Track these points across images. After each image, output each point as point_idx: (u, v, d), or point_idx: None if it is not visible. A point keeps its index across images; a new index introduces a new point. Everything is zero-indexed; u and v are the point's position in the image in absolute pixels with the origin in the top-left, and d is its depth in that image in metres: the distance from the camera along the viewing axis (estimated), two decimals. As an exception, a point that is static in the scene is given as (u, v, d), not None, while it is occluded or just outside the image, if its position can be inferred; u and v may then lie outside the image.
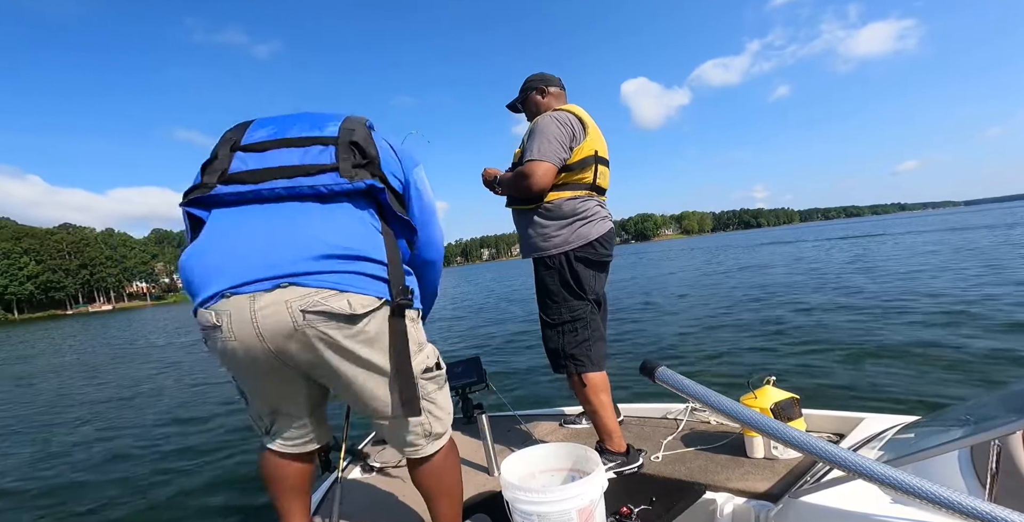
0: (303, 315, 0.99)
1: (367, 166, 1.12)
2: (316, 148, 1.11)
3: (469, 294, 20.71)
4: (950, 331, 5.35)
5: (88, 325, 28.48)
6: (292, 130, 1.15)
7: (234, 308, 0.99)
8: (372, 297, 1.05)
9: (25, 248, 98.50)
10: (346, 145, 1.12)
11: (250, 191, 1.06)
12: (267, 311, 0.98)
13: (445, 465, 1.25)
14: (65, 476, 3.95)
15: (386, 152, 1.19)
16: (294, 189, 1.06)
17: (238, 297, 0.99)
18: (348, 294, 1.02)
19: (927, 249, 16.23)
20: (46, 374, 10.80)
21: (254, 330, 0.99)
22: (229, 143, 1.15)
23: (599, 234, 1.81)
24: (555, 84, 2.00)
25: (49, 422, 6.03)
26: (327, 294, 1.00)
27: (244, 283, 0.99)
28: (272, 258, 1.00)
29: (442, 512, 1.27)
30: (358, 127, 1.17)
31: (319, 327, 1.00)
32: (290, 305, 0.98)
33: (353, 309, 1.01)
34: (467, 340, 8.62)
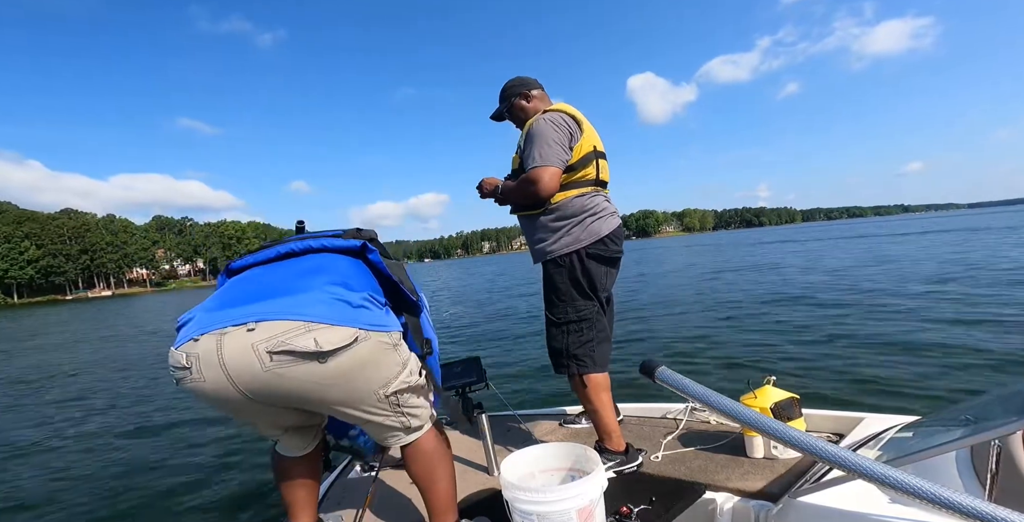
0: (270, 357, 0.98)
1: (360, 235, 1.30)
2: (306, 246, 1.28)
3: (470, 287, 20.71)
4: (953, 331, 5.34)
5: (89, 311, 28.34)
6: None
7: (202, 351, 0.99)
8: (343, 331, 1.02)
9: (26, 232, 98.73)
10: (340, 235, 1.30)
11: (253, 260, 1.26)
12: (234, 354, 0.97)
13: (433, 452, 1.30)
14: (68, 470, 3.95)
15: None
16: (292, 248, 1.24)
17: (206, 337, 0.99)
18: (316, 331, 0.99)
19: (941, 249, 16.21)
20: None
21: (223, 372, 0.98)
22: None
23: (609, 230, 1.80)
24: (536, 86, 1.98)
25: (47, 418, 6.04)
26: (294, 333, 0.98)
27: (213, 327, 1.00)
28: (249, 308, 1.03)
29: (433, 499, 1.31)
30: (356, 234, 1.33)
31: (286, 366, 0.99)
32: (256, 348, 0.97)
33: (320, 346, 0.99)
34: (467, 340, 8.62)
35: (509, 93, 1.98)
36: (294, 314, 1.00)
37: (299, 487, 1.37)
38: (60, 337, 16.98)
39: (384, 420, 1.22)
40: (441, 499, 1.31)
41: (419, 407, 1.28)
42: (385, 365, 1.15)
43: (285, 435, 1.30)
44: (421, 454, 1.29)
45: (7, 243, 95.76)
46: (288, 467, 1.35)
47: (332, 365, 1.03)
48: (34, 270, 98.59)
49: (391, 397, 1.19)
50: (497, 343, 7.84)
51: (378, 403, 1.18)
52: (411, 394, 1.25)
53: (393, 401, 1.20)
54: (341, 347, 1.02)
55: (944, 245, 17.83)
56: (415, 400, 1.27)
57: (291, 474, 1.35)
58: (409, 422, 1.26)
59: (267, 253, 1.26)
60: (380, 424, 1.23)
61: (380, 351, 1.12)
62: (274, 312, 1.00)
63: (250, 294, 1.08)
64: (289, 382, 1.01)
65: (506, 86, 2.00)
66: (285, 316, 1.00)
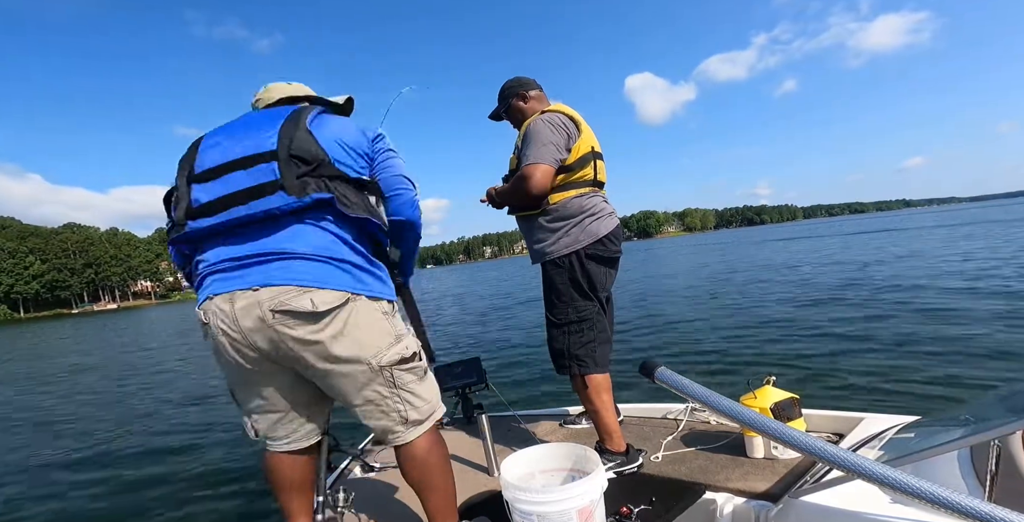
0: (272, 315, 1.10)
1: (315, 171, 1.16)
2: (260, 167, 1.15)
3: (472, 292, 20.74)
4: (953, 331, 5.34)
5: (96, 324, 28.36)
6: (236, 147, 1.19)
7: (217, 308, 1.13)
8: (338, 293, 1.13)
9: (31, 247, 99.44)
10: (287, 159, 1.14)
11: (218, 223, 1.15)
12: (243, 311, 1.11)
13: (429, 458, 1.27)
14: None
15: (333, 145, 1.21)
16: (253, 215, 1.13)
17: (220, 297, 1.13)
18: (312, 292, 1.10)
19: (942, 245, 16.22)
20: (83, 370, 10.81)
21: (234, 326, 1.12)
22: (185, 171, 1.22)
23: (608, 230, 1.80)
24: (534, 87, 1.98)
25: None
26: (293, 294, 1.10)
27: (226, 289, 1.13)
28: (245, 274, 1.13)
29: (432, 507, 1.29)
30: (296, 131, 1.18)
31: (287, 324, 1.10)
32: (261, 305, 1.10)
33: (315, 307, 1.10)
34: (467, 340, 8.63)
35: (507, 93, 1.99)
36: (291, 279, 1.11)
37: (294, 489, 1.34)
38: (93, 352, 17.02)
39: (383, 403, 1.21)
40: (437, 506, 1.29)
41: (421, 398, 1.27)
42: (376, 332, 1.19)
43: (284, 420, 1.28)
44: (416, 458, 1.26)
45: (12, 258, 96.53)
46: (281, 466, 1.32)
47: (327, 324, 1.12)
48: (39, 285, 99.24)
49: (385, 371, 1.19)
50: (497, 343, 7.85)
51: (373, 376, 1.18)
52: (412, 377, 1.25)
53: (388, 377, 1.20)
54: (335, 307, 1.12)
55: (939, 240, 17.82)
56: (417, 387, 1.26)
57: (284, 474, 1.32)
58: (407, 413, 1.24)
59: (224, 219, 1.15)
60: (378, 408, 1.22)
61: (371, 316, 1.19)
62: (275, 277, 1.11)
63: (251, 259, 1.14)
64: (290, 339, 1.11)
65: (504, 86, 2.01)
66: (284, 281, 1.10)
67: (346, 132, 1.27)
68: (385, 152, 1.32)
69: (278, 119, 1.22)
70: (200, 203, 1.17)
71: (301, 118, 1.22)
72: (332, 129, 1.25)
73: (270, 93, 1.42)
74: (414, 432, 1.26)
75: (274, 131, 1.19)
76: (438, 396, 1.34)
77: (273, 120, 1.22)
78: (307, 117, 1.23)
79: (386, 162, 1.32)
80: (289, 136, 1.17)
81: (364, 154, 1.28)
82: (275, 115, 1.25)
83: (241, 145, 1.19)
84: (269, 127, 1.20)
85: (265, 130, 1.20)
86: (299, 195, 1.12)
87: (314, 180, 1.15)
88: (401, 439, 1.26)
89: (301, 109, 1.28)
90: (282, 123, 1.20)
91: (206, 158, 1.21)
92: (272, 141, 1.17)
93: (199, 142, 1.27)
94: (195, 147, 1.26)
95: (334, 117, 1.33)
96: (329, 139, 1.22)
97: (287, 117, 1.23)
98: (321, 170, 1.17)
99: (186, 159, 1.25)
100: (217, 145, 1.22)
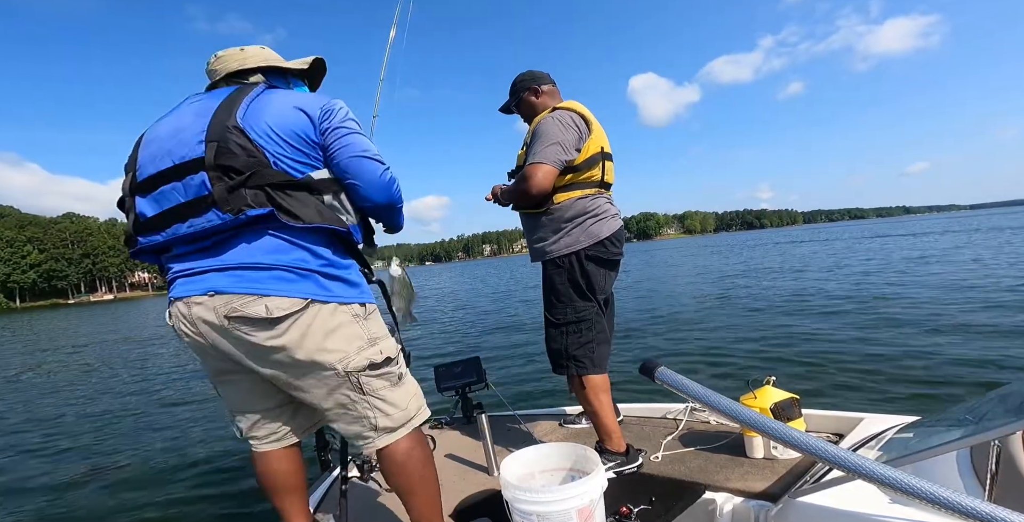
0: (227, 321, 1.07)
1: (249, 181, 1.03)
2: (191, 178, 1.05)
3: (471, 291, 20.74)
4: (953, 331, 5.34)
5: (91, 314, 28.32)
6: (167, 148, 1.09)
7: (178, 311, 1.12)
8: (295, 299, 1.07)
9: (28, 237, 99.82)
10: (215, 169, 1.03)
11: (163, 242, 1.12)
12: (199, 315, 1.09)
13: (407, 463, 1.21)
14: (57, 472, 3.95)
15: (270, 139, 1.07)
16: (194, 234, 1.08)
17: (181, 301, 1.11)
18: (267, 298, 1.06)
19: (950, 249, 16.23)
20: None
21: (193, 329, 1.11)
22: (129, 177, 1.16)
23: (610, 232, 1.79)
24: (547, 82, 1.95)
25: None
26: (246, 300, 1.06)
27: (184, 294, 1.11)
28: (202, 280, 1.10)
29: (415, 513, 1.24)
30: (225, 131, 1.05)
31: (243, 330, 1.07)
32: (217, 311, 1.07)
33: (270, 312, 1.05)
34: (468, 339, 8.62)
35: (519, 87, 1.96)
36: (245, 288, 1.06)
37: (287, 489, 1.31)
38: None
39: (352, 408, 1.16)
40: (420, 512, 1.24)
41: (393, 405, 1.19)
42: (342, 337, 1.12)
43: (264, 419, 1.26)
44: (393, 464, 1.21)
45: (9, 247, 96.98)
46: (269, 465, 1.29)
47: (285, 330, 1.07)
48: (36, 274, 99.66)
49: (353, 377, 1.13)
50: (497, 343, 7.85)
51: (339, 381, 1.13)
52: (383, 383, 1.18)
53: (356, 383, 1.14)
54: (292, 312, 1.07)
55: (940, 241, 17.84)
56: (389, 393, 1.19)
57: (274, 474, 1.30)
58: (376, 420, 1.17)
59: (169, 237, 1.10)
60: (347, 413, 1.17)
61: (337, 320, 1.12)
62: (228, 286, 1.07)
63: (209, 265, 1.10)
64: (248, 344, 1.09)
65: (516, 80, 1.98)
66: (238, 289, 1.06)
67: (284, 119, 1.10)
68: (337, 129, 1.14)
69: (211, 109, 1.10)
70: (145, 217, 1.12)
71: (233, 108, 1.08)
72: (270, 116, 1.09)
73: (221, 63, 1.25)
74: (386, 439, 1.19)
75: (203, 128, 1.06)
76: (418, 402, 1.27)
77: (206, 110, 1.10)
78: (241, 105, 1.09)
79: (340, 141, 1.14)
80: (217, 137, 1.04)
81: (310, 141, 1.12)
82: (212, 102, 1.12)
83: (173, 145, 1.08)
84: (201, 122, 1.08)
85: (196, 126, 1.08)
86: (233, 213, 1.02)
87: (251, 192, 1.03)
88: (372, 445, 1.20)
89: (238, 92, 1.13)
90: (211, 117, 1.07)
91: (144, 162, 1.13)
92: (200, 145, 1.05)
93: (142, 136, 1.18)
94: (138, 144, 1.18)
95: (275, 96, 1.15)
96: (265, 131, 1.07)
97: (219, 106, 1.09)
98: (257, 179, 1.04)
99: (130, 161, 1.17)
100: (153, 143, 1.13)
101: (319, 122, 1.13)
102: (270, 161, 1.07)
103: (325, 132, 1.14)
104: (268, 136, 1.07)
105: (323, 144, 1.14)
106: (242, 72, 1.24)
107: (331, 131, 1.14)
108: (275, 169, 1.07)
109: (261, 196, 1.04)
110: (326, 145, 1.14)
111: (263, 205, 1.04)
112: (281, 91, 1.19)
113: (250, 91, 1.13)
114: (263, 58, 1.27)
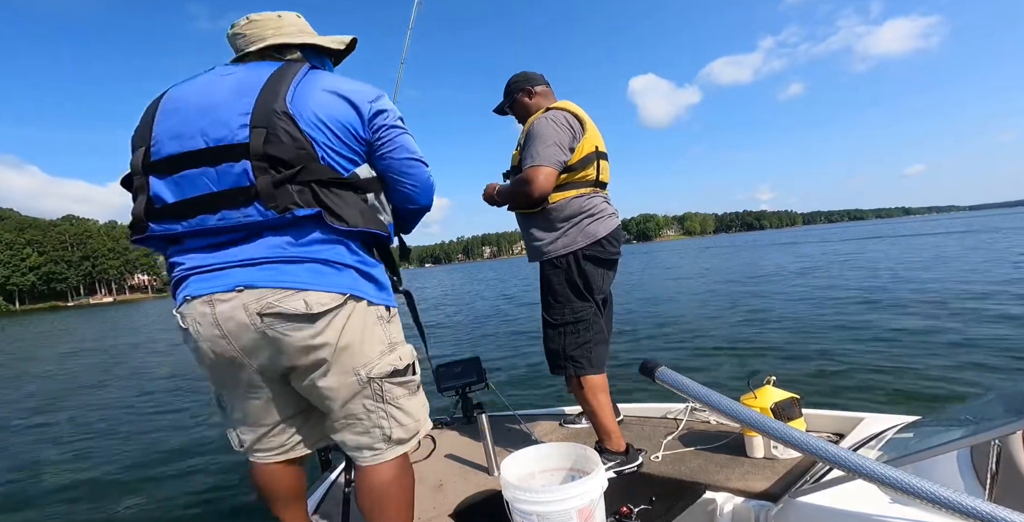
0: (260, 319, 0.98)
1: (298, 177, 0.97)
2: (228, 166, 0.95)
3: (470, 293, 20.74)
4: (957, 331, 5.34)
5: (94, 317, 28.25)
6: (199, 126, 0.97)
7: (196, 311, 1.00)
8: (333, 294, 1.01)
9: (28, 239, 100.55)
10: (261, 157, 0.94)
11: (183, 232, 1.01)
12: (225, 315, 0.98)
13: (390, 489, 1.13)
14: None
15: (318, 129, 1.00)
16: (225, 226, 0.98)
17: (199, 300, 1.00)
18: (305, 293, 0.98)
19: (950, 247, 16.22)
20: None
21: (215, 331, 1.00)
22: (140, 153, 1.02)
23: (607, 231, 1.79)
24: (540, 82, 1.96)
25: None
26: (283, 295, 0.97)
27: (205, 291, 1.00)
28: (225, 275, 1.00)
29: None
30: (274, 116, 0.95)
31: (279, 329, 0.99)
32: (247, 308, 0.97)
33: (310, 308, 0.98)
34: (468, 340, 8.62)
35: (513, 88, 1.97)
36: (280, 282, 0.98)
37: (289, 500, 1.26)
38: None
39: (366, 418, 1.10)
40: None
41: (409, 415, 1.15)
42: (369, 339, 1.07)
43: (272, 432, 1.17)
44: (375, 486, 1.12)
45: (9, 250, 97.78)
46: (271, 478, 1.22)
47: (324, 328, 1.01)
48: (36, 276, 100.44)
49: (375, 383, 1.08)
50: (497, 343, 7.85)
51: (360, 388, 1.07)
52: (403, 391, 1.14)
53: (377, 390, 1.09)
54: (332, 308, 1.00)
55: (940, 243, 17.83)
56: (407, 402, 1.14)
57: (275, 486, 1.23)
58: (391, 430, 1.12)
59: (194, 228, 1.00)
60: (360, 422, 1.10)
61: (367, 321, 1.07)
62: (261, 279, 0.98)
63: (233, 260, 1.01)
64: (278, 343, 1.00)
65: (510, 81, 1.99)
66: (272, 283, 0.98)
67: (332, 108, 1.02)
68: (388, 129, 1.09)
69: (254, 88, 0.99)
70: (163, 202, 1.01)
71: (281, 90, 0.98)
72: (318, 104, 1.01)
73: (255, 28, 1.11)
74: (394, 452, 1.14)
75: (247, 110, 0.96)
76: (427, 413, 1.22)
77: (248, 88, 0.99)
78: (289, 87, 0.99)
79: (393, 142, 1.09)
80: (264, 122, 0.95)
81: (358, 136, 1.06)
82: (252, 79, 1.01)
83: (206, 124, 0.97)
84: (243, 102, 0.97)
85: (237, 106, 0.97)
86: (279, 210, 0.95)
87: (296, 188, 0.97)
88: (379, 458, 1.13)
89: (284, 70, 1.03)
90: (257, 98, 0.97)
91: (163, 137, 0.99)
92: (244, 129, 0.95)
93: (156, 106, 1.03)
94: (151, 114, 1.03)
95: (323, 80, 1.05)
96: (312, 121, 0.99)
97: (264, 86, 0.99)
98: (306, 174, 0.97)
99: (141, 133, 1.03)
100: (173, 115, 1.00)
101: (369, 117, 1.06)
102: (318, 154, 1.00)
103: (376, 129, 1.08)
104: (316, 126, 0.99)
105: (371, 140, 1.08)
106: (279, 47, 1.13)
107: (384, 129, 1.08)
108: (322, 164, 1.00)
109: (308, 194, 0.98)
110: (376, 142, 1.09)
111: (310, 205, 0.98)
112: (324, 74, 1.08)
113: (297, 71, 1.03)
114: (301, 30, 1.15)
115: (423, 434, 1.22)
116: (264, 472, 1.22)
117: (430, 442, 2.21)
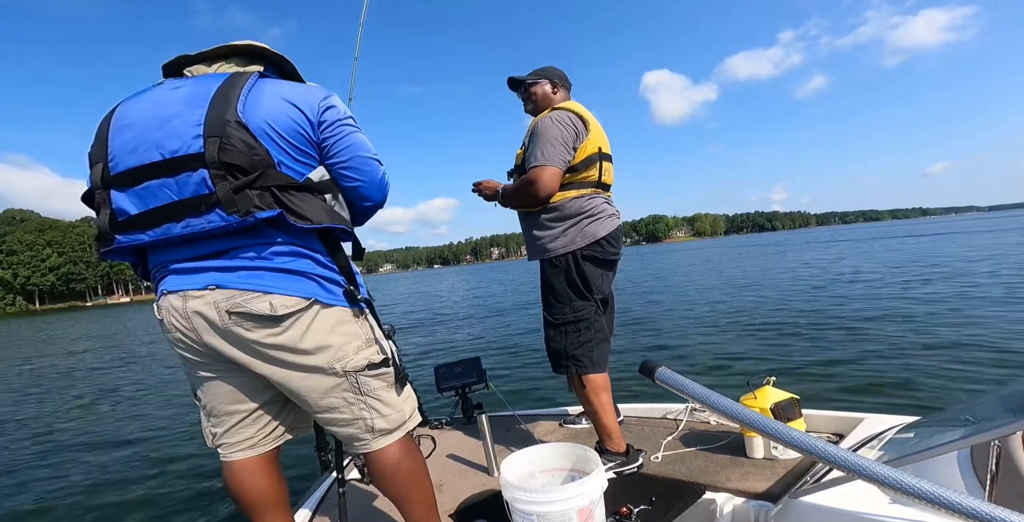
0: (228, 315, 1.03)
1: (256, 182, 0.98)
2: (187, 175, 0.97)
3: (473, 292, 20.75)
4: (957, 331, 5.34)
5: (114, 316, 28.26)
6: (154, 138, 0.99)
7: (170, 305, 1.06)
8: (297, 297, 1.05)
9: (48, 240, 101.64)
10: (217, 165, 0.95)
11: (149, 242, 1.04)
12: (195, 310, 1.04)
13: (399, 470, 1.18)
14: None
15: (267, 137, 1.01)
16: (190, 234, 1.01)
17: (174, 294, 1.06)
18: (271, 296, 1.03)
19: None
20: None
21: (185, 324, 1.06)
22: (98, 168, 1.03)
23: (607, 232, 1.79)
24: (565, 85, 1.96)
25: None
26: (250, 296, 1.02)
27: (180, 287, 1.05)
28: (201, 275, 1.05)
29: (409, 517, 1.22)
30: (226, 125, 0.97)
31: (243, 326, 1.04)
32: (217, 305, 1.02)
33: (274, 310, 1.02)
34: (467, 340, 8.62)
35: (544, 73, 1.95)
36: (249, 285, 1.03)
37: (267, 507, 1.21)
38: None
39: (347, 410, 1.13)
40: (416, 519, 1.22)
41: (389, 405, 1.17)
42: (342, 335, 1.11)
43: (242, 423, 1.18)
44: (385, 469, 1.18)
45: (30, 251, 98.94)
46: (243, 479, 1.20)
47: (287, 328, 1.05)
48: (55, 277, 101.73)
49: (352, 377, 1.11)
50: (497, 343, 7.85)
51: (337, 381, 1.11)
52: (381, 383, 1.16)
53: (354, 382, 1.12)
54: (296, 311, 1.05)
55: (940, 244, 17.81)
56: (386, 394, 1.17)
57: (249, 489, 1.20)
58: (373, 421, 1.15)
59: (160, 237, 1.02)
60: (342, 415, 1.14)
61: (337, 318, 1.11)
62: (230, 281, 1.03)
63: (209, 263, 1.05)
64: (246, 342, 1.05)
65: (548, 68, 1.96)
66: (241, 286, 1.03)
67: (285, 114, 1.03)
68: (338, 128, 1.10)
69: (204, 99, 1.00)
70: (127, 215, 1.03)
71: (232, 100, 0.99)
72: (267, 111, 1.02)
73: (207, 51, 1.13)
74: (381, 441, 1.18)
75: (199, 121, 0.97)
76: (412, 405, 1.25)
77: (199, 99, 1.00)
78: (239, 96, 1.00)
79: (344, 141, 1.11)
80: (218, 132, 0.96)
81: (310, 140, 1.07)
82: (202, 90, 1.02)
83: (160, 136, 0.98)
84: (195, 113, 0.98)
85: (190, 118, 0.98)
86: (241, 214, 0.97)
87: (257, 193, 0.98)
88: (367, 447, 1.18)
89: (233, 80, 1.04)
90: (208, 108, 0.98)
91: (120, 152, 1.01)
92: (198, 140, 0.96)
93: (108, 122, 1.05)
94: (104, 130, 1.04)
95: (271, 87, 1.07)
96: (264, 128, 1.01)
97: (214, 96, 1.00)
98: (264, 180, 0.99)
99: (97, 150, 1.04)
100: (127, 130, 1.01)
101: (318, 119, 1.08)
102: (274, 160, 1.02)
103: (325, 129, 1.09)
104: (267, 134, 1.01)
105: (321, 141, 1.10)
106: (235, 49, 1.14)
107: (333, 127, 1.10)
108: (279, 170, 1.03)
109: (268, 197, 1.00)
110: (325, 143, 1.10)
111: (271, 207, 1.00)
112: (272, 82, 1.10)
113: (246, 80, 1.04)
114: (248, 42, 1.16)
115: (412, 424, 1.24)
116: (236, 472, 1.20)
117: (430, 442, 2.22)
